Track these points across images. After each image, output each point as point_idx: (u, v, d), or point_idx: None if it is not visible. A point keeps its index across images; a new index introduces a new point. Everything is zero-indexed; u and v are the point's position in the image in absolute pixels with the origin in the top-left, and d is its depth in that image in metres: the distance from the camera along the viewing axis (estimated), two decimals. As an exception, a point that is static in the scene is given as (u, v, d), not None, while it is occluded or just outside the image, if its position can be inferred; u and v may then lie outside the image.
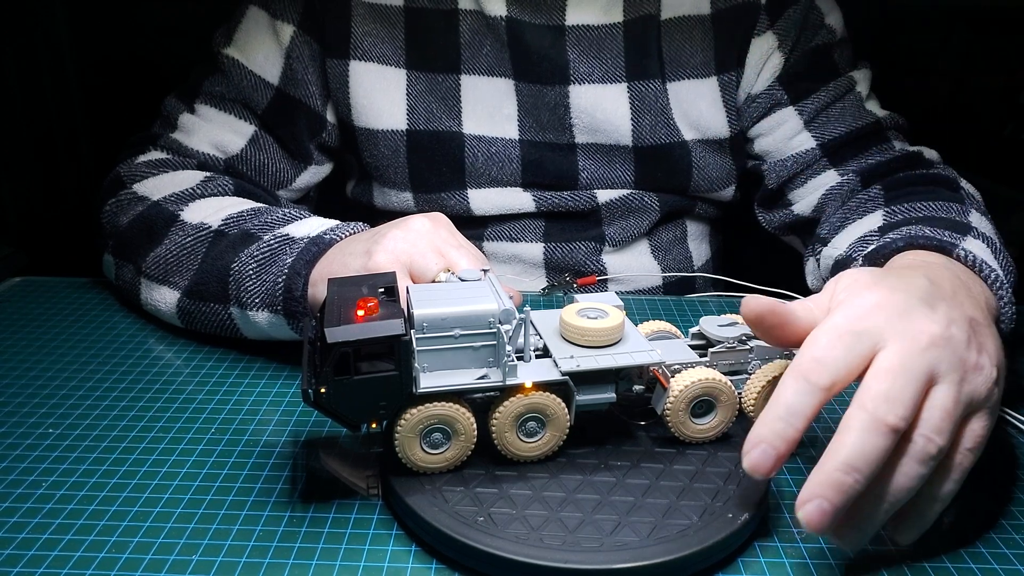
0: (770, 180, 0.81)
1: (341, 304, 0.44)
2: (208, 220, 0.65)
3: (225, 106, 0.78)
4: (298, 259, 0.58)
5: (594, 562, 0.39)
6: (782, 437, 0.40)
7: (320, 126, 0.80)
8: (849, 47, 0.82)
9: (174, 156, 0.76)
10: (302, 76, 0.78)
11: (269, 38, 0.77)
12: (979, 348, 0.43)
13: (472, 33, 0.78)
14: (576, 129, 0.79)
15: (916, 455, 0.39)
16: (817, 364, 0.40)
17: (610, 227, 0.83)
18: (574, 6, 0.78)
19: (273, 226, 0.63)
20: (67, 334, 0.67)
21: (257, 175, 0.78)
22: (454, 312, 0.44)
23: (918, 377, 0.40)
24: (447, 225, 0.59)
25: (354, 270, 0.55)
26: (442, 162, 0.80)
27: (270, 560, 0.42)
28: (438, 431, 0.44)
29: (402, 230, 0.56)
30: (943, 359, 0.41)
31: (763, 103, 0.80)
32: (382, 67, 0.78)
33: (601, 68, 0.79)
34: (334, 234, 0.60)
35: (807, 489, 0.39)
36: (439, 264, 0.54)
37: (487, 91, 0.79)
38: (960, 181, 0.73)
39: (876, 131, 0.78)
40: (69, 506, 0.46)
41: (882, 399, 0.39)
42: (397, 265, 0.54)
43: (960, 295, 0.47)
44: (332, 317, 0.42)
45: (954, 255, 0.54)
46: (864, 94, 0.80)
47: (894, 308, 0.42)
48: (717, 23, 0.79)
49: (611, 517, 0.43)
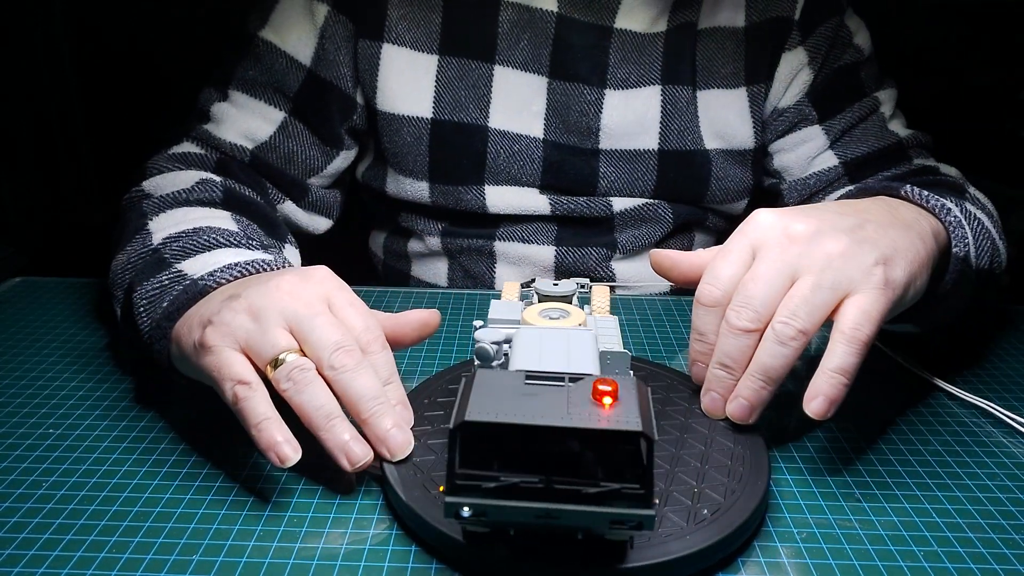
0: (790, 199, 0.82)
1: (562, 411, 0.35)
2: (157, 235, 0.61)
3: (257, 92, 0.77)
4: (168, 307, 0.52)
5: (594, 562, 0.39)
6: (702, 352, 0.51)
7: (351, 109, 0.80)
8: (875, 66, 0.82)
9: (201, 147, 0.75)
10: (334, 57, 0.77)
11: (304, 18, 0.76)
12: (855, 240, 0.49)
13: (511, 25, 0.78)
14: (602, 134, 0.79)
15: (774, 337, 0.47)
16: (705, 288, 0.51)
17: (622, 235, 0.83)
18: (625, 11, 0.78)
19: (188, 253, 0.57)
20: (67, 334, 0.67)
21: (286, 163, 0.78)
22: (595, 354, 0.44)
23: (771, 280, 0.48)
24: (318, 285, 0.50)
25: (192, 343, 0.48)
26: (463, 154, 0.80)
27: (270, 560, 0.42)
28: None
29: (254, 296, 0.48)
30: (804, 254, 0.49)
31: (790, 118, 0.81)
32: (414, 52, 0.78)
33: (637, 73, 0.79)
34: (212, 279, 0.53)
35: (704, 385, 0.51)
36: (280, 343, 0.46)
37: (518, 85, 0.79)
38: (968, 187, 0.73)
39: (898, 150, 0.79)
40: (69, 506, 0.46)
41: (737, 307, 0.49)
42: (228, 344, 0.47)
43: (872, 212, 0.53)
44: (613, 420, 0.34)
45: (899, 194, 0.58)
46: (888, 114, 0.81)
47: (770, 219, 0.51)
48: (750, 35, 0.80)
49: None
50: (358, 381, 0.46)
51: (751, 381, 0.48)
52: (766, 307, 0.48)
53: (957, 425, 0.57)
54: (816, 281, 0.48)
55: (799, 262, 0.49)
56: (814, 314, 0.47)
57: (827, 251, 0.49)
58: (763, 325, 0.48)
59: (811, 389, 0.47)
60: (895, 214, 0.55)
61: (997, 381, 0.63)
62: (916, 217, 0.55)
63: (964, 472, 0.51)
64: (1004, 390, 0.61)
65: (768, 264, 0.49)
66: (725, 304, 0.50)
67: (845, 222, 0.51)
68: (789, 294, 0.48)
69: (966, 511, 0.47)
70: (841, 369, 0.46)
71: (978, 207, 0.67)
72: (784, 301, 0.48)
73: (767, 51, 0.80)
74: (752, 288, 0.49)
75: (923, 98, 1.36)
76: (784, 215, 0.52)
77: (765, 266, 0.49)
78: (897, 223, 0.53)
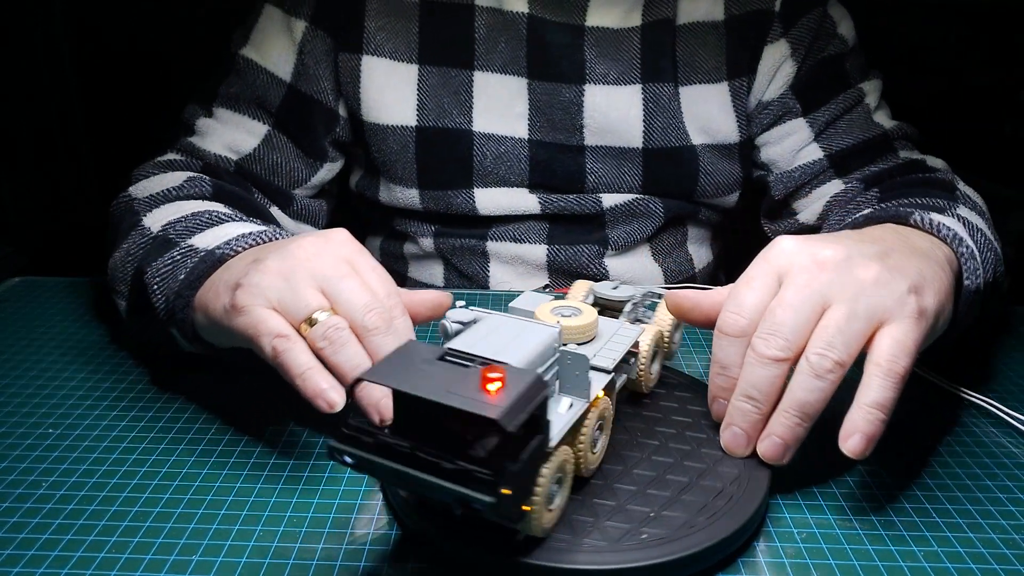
0: (776, 191, 0.82)
1: (446, 387, 0.36)
2: (155, 225, 0.61)
3: (240, 107, 0.77)
4: (187, 277, 0.53)
5: (595, 562, 0.39)
6: (724, 387, 0.47)
7: (333, 122, 0.80)
8: (861, 57, 0.82)
9: (185, 157, 0.76)
10: (314, 71, 0.78)
11: (283, 35, 0.77)
12: (886, 266, 0.47)
13: (488, 29, 0.78)
14: (587, 130, 0.79)
15: (810, 370, 0.44)
16: (729, 317, 0.47)
17: (614, 231, 0.83)
18: (595, 8, 0.78)
19: (193, 231, 0.58)
20: (67, 334, 0.67)
21: (270, 175, 0.78)
22: (537, 350, 0.41)
23: (801, 308, 0.45)
24: (340, 247, 0.51)
25: (221, 306, 0.49)
26: (450, 159, 0.80)
27: (270, 560, 0.42)
28: (556, 482, 0.40)
29: (279, 259, 0.49)
30: (835, 282, 0.46)
31: (774, 111, 0.81)
32: (394, 63, 0.78)
33: (617, 70, 0.79)
34: (228, 248, 0.54)
35: (724, 420, 0.47)
36: (313, 303, 0.47)
37: (499, 88, 0.79)
38: (958, 183, 0.73)
39: (883, 142, 0.78)
40: (69, 506, 0.46)
41: (765, 335, 0.45)
42: (261, 303, 0.47)
43: (889, 241, 0.51)
44: (471, 404, 0.34)
45: (910, 222, 0.56)
46: (873, 106, 0.81)
47: (795, 245, 0.49)
48: (731, 28, 0.79)
49: (618, 516, 0.43)
50: (388, 343, 0.47)
51: (785, 418, 0.45)
52: (797, 335, 0.45)
53: (957, 425, 0.57)
54: (850, 310, 0.45)
55: (830, 289, 0.46)
56: (851, 345, 0.44)
57: (859, 278, 0.46)
58: (793, 355, 0.45)
59: (847, 426, 0.44)
60: (911, 242, 0.53)
61: (997, 381, 0.63)
62: (930, 246, 0.53)
63: (964, 472, 0.51)
64: (1004, 390, 0.62)
65: (797, 290, 0.46)
66: (750, 334, 0.46)
67: (871, 249, 0.49)
68: (822, 324, 0.45)
69: (966, 511, 0.47)
70: (879, 404, 0.44)
71: (971, 207, 0.67)
72: (818, 331, 0.45)
73: (748, 44, 0.80)
74: (781, 315, 0.45)
75: (922, 98, 1.36)
76: (809, 241, 0.49)
77: (794, 292, 0.46)
78: (917, 251, 0.51)
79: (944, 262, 0.53)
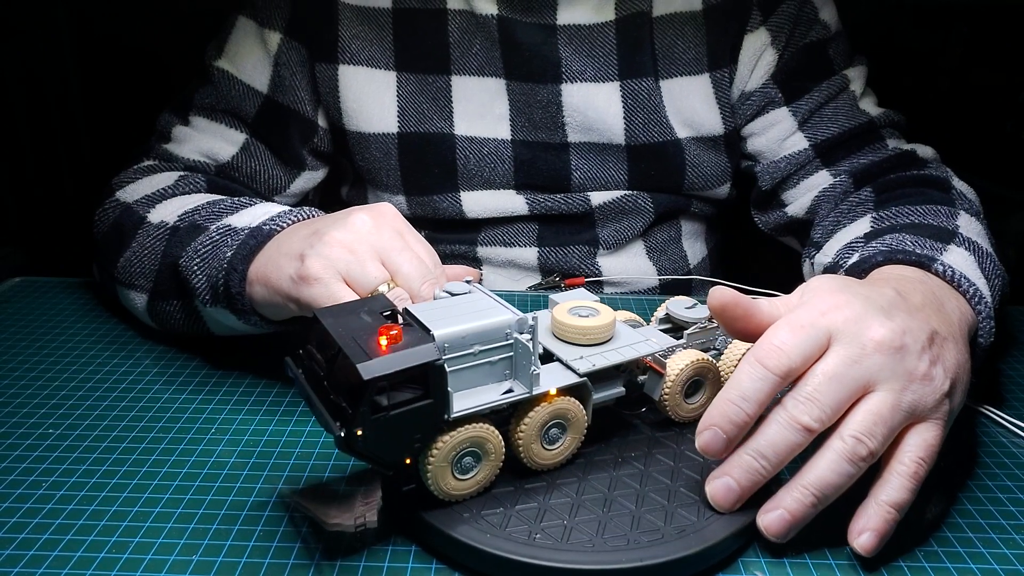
0: (764, 182, 0.81)
1: (354, 336, 0.39)
2: (168, 218, 0.64)
3: (216, 116, 0.77)
4: (236, 253, 0.55)
5: (594, 562, 0.39)
6: (732, 421, 0.42)
7: (311, 132, 0.80)
8: (844, 42, 0.81)
9: (164, 164, 0.76)
10: (291, 82, 0.78)
11: (257, 46, 0.77)
12: (933, 360, 0.44)
13: (461, 32, 0.78)
14: (569, 128, 0.79)
15: (844, 453, 0.42)
16: (774, 351, 0.43)
17: (604, 230, 0.83)
18: (565, 5, 0.77)
19: (221, 215, 0.60)
20: (67, 334, 0.67)
21: (249, 182, 0.78)
22: (473, 328, 0.41)
23: (847, 383, 0.42)
24: (392, 221, 0.53)
25: (287, 276, 0.51)
26: (434, 164, 0.80)
27: (270, 560, 0.42)
28: (469, 455, 0.42)
29: (341, 230, 0.51)
30: (885, 367, 0.43)
31: (757, 101, 0.80)
32: (371, 70, 0.78)
33: (593, 66, 0.78)
34: (275, 223, 0.56)
35: (719, 468, 0.43)
36: (378, 275, 0.49)
37: (478, 91, 0.79)
38: (952, 180, 0.72)
39: (869, 130, 0.78)
40: (69, 506, 0.46)
41: (803, 399, 0.42)
42: (331, 275, 0.49)
43: (928, 309, 0.48)
44: (356, 351, 0.38)
45: (932, 270, 0.54)
46: (858, 92, 0.80)
47: (852, 311, 0.44)
48: (709, 18, 0.79)
49: (623, 515, 0.43)
50: None
51: (801, 494, 0.42)
52: (834, 411, 0.42)
53: (957, 425, 0.56)
54: (896, 402, 0.42)
55: (880, 374, 0.43)
56: (888, 437, 0.42)
57: (909, 370, 0.43)
58: (822, 428, 0.42)
59: (862, 520, 0.42)
60: (939, 302, 0.50)
61: (997, 382, 0.63)
62: (956, 305, 0.51)
63: (964, 472, 0.51)
64: (1004, 391, 0.62)
65: (846, 367, 0.42)
66: (791, 380, 0.43)
67: (920, 329, 0.45)
68: (865, 408, 0.42)
69: (966, 511, 0.47)
70: (896, 504, 0.42)
71: (969, 210, 0.66)
72: (860, 414, 0.42)
73: (728, 34, 0.79)
74: (825, 386, 0.42)
75: (924, 100, 1.36)
76: (866, 310, 0.44)
77: (843, 366, 0.43)
78: (953, 326, 0.49)
79: (967, 327, 0.51)
